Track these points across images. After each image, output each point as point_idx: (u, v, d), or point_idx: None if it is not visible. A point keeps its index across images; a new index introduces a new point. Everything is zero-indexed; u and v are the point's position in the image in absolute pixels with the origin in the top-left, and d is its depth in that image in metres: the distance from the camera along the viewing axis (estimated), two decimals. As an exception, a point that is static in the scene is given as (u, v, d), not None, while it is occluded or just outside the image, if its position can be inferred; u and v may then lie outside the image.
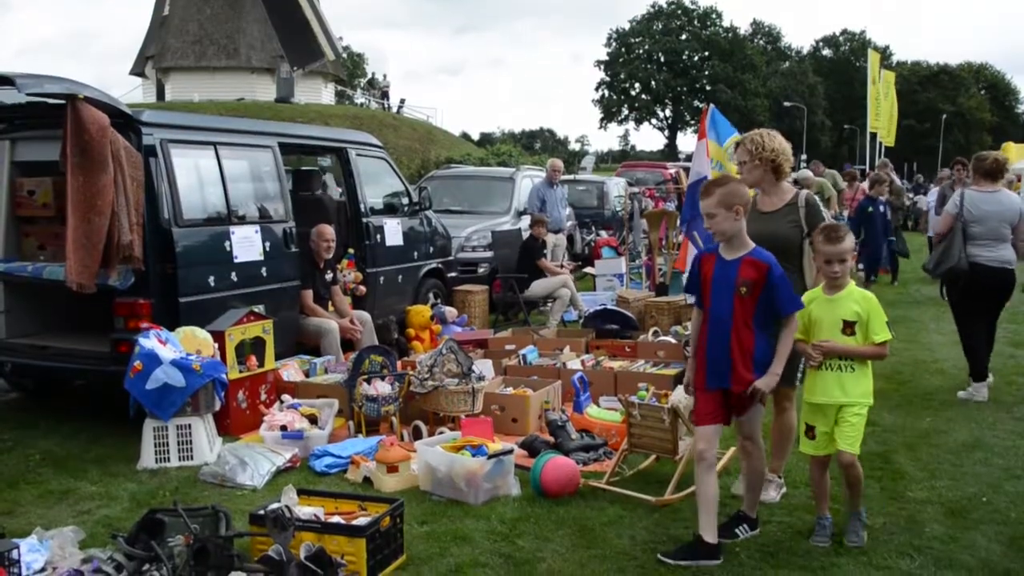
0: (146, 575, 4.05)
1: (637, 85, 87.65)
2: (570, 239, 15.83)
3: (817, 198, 5.29)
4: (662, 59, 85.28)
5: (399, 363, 7.29)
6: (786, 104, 74.35)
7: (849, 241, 4.60)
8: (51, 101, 6.41)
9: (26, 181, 7.43)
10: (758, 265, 4.42)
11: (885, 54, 72.11)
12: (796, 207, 5.22)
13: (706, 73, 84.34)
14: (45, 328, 7.55)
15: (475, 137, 78.50)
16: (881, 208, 14.00)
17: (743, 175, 5.25)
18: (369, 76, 78.06)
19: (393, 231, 9.75)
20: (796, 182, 16.82)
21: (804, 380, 4.95)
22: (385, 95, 56.87)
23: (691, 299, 4.96)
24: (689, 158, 23.78)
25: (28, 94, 6.10)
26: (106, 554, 4.29)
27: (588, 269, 14.82)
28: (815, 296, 4.74)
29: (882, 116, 27.32)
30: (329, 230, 8.54)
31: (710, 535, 4.48)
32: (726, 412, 4.55)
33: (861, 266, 17.52)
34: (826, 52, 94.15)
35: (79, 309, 7.33)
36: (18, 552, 4.23)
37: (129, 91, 47.67)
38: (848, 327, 4.60)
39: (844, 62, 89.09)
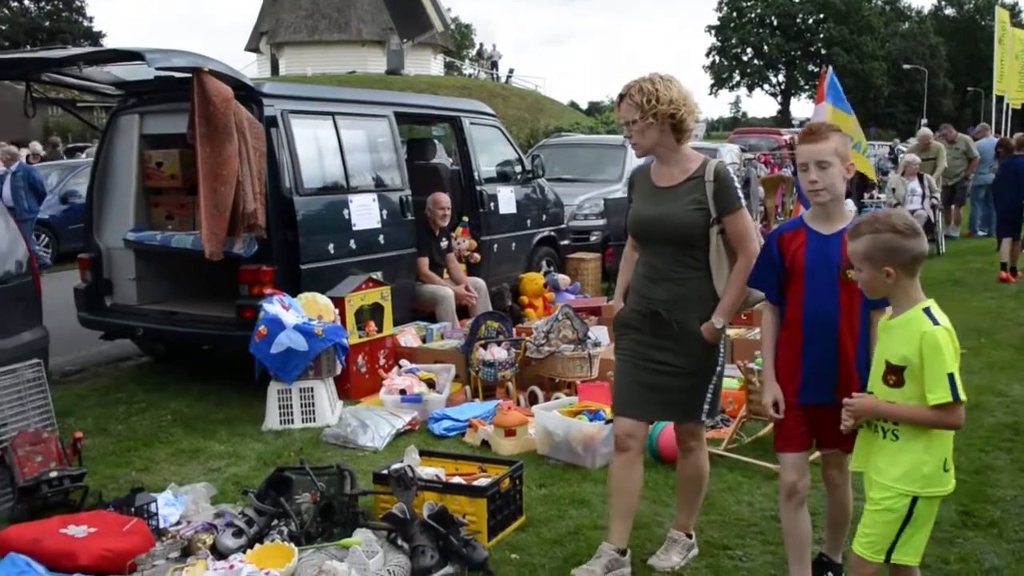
0: (275, 530, 4.19)
1: (749, 50, 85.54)
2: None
3: (731, 169, 4.04)
4: (775, 22, 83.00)
5: (514, 330, 7.33)
6: (905, 67, 71.64)
7: (860, 243, 3.06)
8: (177, 75, 6.61)
9: (154, 153, 7.67)
10: None
11: (1014, 11, 68.85)
12: (702, 181, 3.85)
13: (821, 36, 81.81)
14: (173, 295, 7.81)
15: (583, 106, 78.05)
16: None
17: (633, 140, 3.93)
18: (477, 47, 78.28)
19: (507, 199, 9.78)
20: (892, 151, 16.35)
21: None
22: (495, 65, 57.00)
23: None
24: (803, 125, 23.17)
25: (157, 68, 6.30)
26: (237, 509, 4.47)
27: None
28: (885, 318, 3.22)
29: (1010, 77, 26.13)
30: (445, 198, 8.64)
31: None
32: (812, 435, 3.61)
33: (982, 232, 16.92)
34: (948, 11, 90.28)
35: (205, 276, 7.58)
36: (156, 506, 4.44)
37: (244, 67, 48.70)
38: (893, 373, 3.06)
39: (968, 21, 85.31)
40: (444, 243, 8.72)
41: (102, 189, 7.71)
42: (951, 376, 2.93)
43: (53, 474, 4.71)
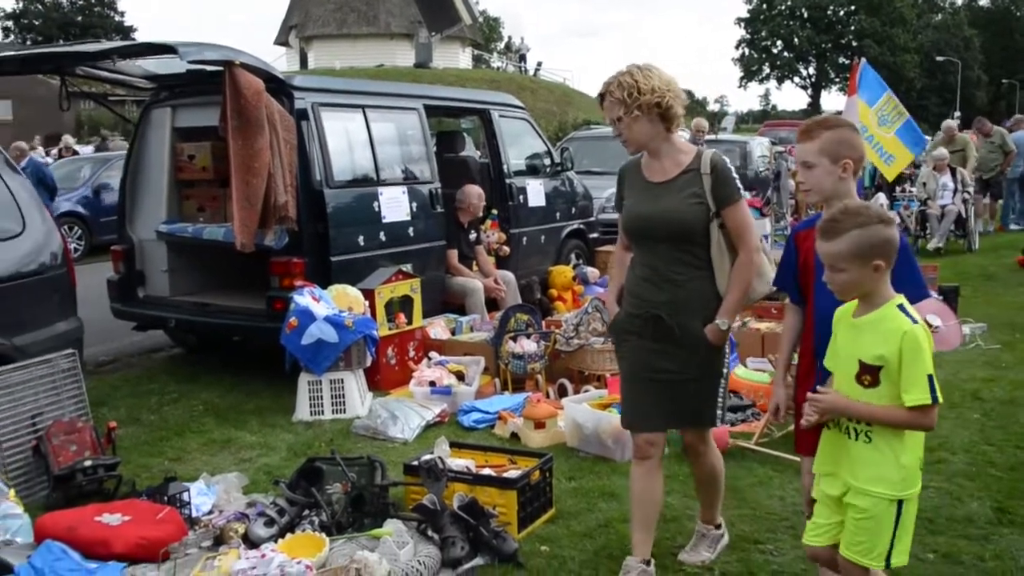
0: (306, 520, 4.21)
1: (779, 42, 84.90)
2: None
3: (727, 160, 3.75)
4: (805, 14, 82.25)
5: (544, 322, 7.33)
6: (938, 59, 70.86)
7: (844, 242, 2.85)
8: (209, 68, 6.65)
9: (186, 146, 7.72)
10: None
11: (1049, 3, 67.90)
12: (698, 174, 3.66)
13: (852, 28, 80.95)
14: (205, 287, 7.88)
15: (612, 99, 77.63)
16: None
17: (623, 137, 3.73)
18: (505, 40, 78.24)
19: (536, 192, 9.77)
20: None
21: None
22: (523, 58, 57.04)
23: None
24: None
25: (189, 62, 6.34)
26: (268, 499, 4.50)
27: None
28: (845, 314, 3.03)
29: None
30: (476, 190, 8.65)
31: None
32: None
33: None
34: (983, 2, 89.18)
35: (236, 268, 7.62)
36: (188, 495, 4.48)
37: (273, 61, 48.74)
38: (867, 373, 2.89)
39: (1003, 12, 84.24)
40: (473, 236, 8.73)
41: (135, 182, 7.79)
42: (930, 377, 2.79)
43: (87, 463, 4.77)
